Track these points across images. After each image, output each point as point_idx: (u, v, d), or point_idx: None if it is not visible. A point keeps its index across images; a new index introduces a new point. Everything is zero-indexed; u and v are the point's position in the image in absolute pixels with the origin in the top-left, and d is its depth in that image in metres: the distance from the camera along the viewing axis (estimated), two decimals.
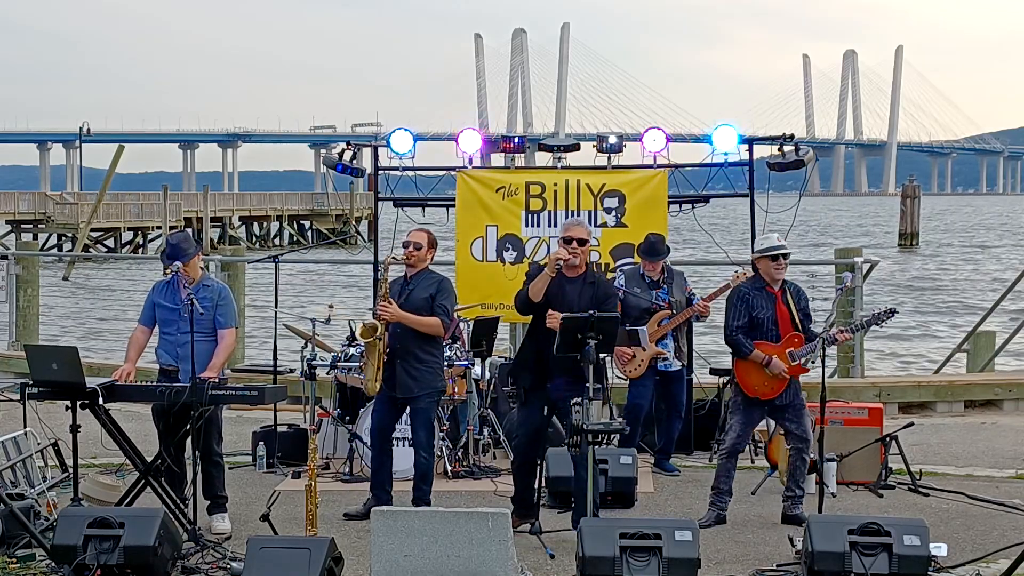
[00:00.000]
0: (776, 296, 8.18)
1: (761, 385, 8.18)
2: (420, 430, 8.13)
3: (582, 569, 6.57)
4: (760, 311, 8.14)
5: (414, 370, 8.07)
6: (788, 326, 8.16)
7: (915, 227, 63.35)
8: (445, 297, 8.15)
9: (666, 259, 10.00)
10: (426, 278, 8.20)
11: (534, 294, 7.68)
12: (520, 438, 8.02)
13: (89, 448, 8.68)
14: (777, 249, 8.14)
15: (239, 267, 15.40)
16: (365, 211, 61.07)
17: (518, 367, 8.06)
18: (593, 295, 7.70)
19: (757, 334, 8.15)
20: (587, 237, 7.88)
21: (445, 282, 8.27)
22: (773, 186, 11.44)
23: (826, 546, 6.64)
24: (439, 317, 8.07)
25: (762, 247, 8.21)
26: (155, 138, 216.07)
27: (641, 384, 9.84)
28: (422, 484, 8.14)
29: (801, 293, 8.32)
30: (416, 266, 8.20)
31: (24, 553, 7.26)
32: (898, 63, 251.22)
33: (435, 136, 78.12)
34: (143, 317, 8.25)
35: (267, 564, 6.42)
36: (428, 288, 8.13)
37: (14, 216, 55.66)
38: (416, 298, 8.10)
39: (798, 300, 8.23)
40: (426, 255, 8.23)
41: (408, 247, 8.21)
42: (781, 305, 8.17)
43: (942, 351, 19.30)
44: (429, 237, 8.28)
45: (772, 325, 8.15)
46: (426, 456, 8.13)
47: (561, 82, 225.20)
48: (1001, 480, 9.62)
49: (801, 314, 8.20)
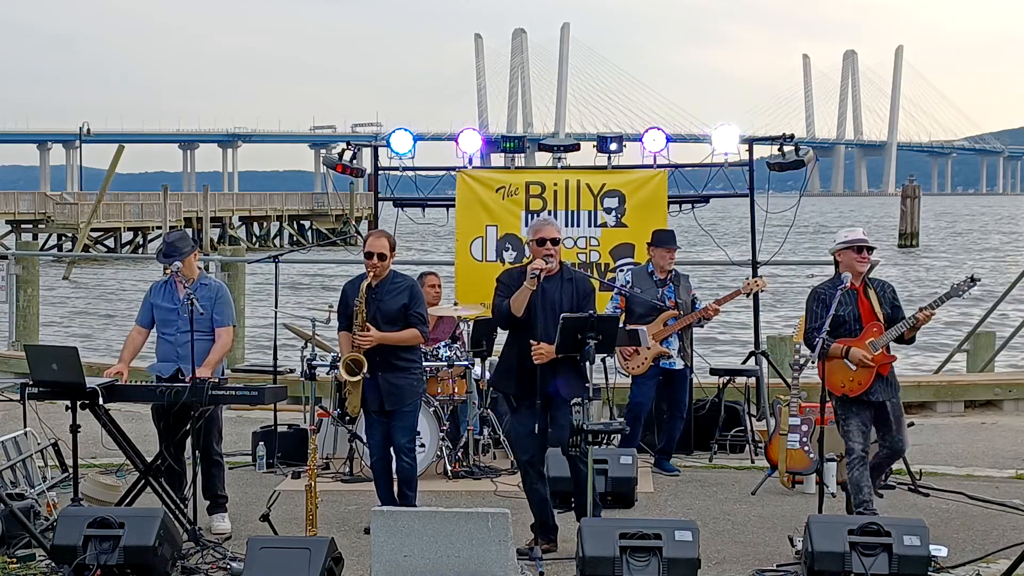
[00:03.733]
0: (858, 291, 7.86)
1: (847, 381, 7.81)
2: (398, 433, 7.87)
3: (582, 569, 6.57)
4: (841, 308, 7.78)
5: (397, 379, 7.82)
6: (871, 319, 7.84)
7: (915, 227, 63.32)
8: (419, 304, 7.87)
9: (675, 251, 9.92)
10: (393, 285, 7.88)
11: (516, 309, 7.46)
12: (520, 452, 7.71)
13: (89, 448, 8.68)
14: (861, 241, 7.86)
15: (239, 267, 15.42)
16: (365, 211, 60.99)
17: (501, 374, 7.81)
18: (573, 292, 7.55)
19: (840, 332, 7.81)
20: (559, 235, 7.63)
21: (415, 287, 7.98)
22: (773, 186, 11.45)
23: (826, 546, 6.64)
24: (416, 327, 7.82)
25: (845, 239, 7.90)
26: (155, 138, 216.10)
27: (643, 383, 9.83)
28: (407, 490, 7.93)
29: (886, 286, 8.02)
30: (380, 275, 7.86)
31: (24, 553, 7.26)
32: (898, 63, 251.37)
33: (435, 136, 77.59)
34: (140, 318, 8.23)
35: (267, 564, 6.42)
36: (399, 296, 7.82)
37: (14, 216, 55.68)
38: (388, 308, 7.79)
39: (883, 293, 7.92)
40: (389, 263, 7.90)
41: (372, 258, 7.81)
42: (863, 299, 7.86)
43: (942, 351, 19.30)
44: (390, 241, 7.92)
45: (854, 320, 7.83)
46: (408, 461, 7.90)
47: (561, 82, 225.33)
48: (1001, 480, 9.63)
49: (888, 306, 7.87)
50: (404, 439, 7.89)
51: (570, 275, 7.68)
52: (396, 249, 8.00)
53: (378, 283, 7.84)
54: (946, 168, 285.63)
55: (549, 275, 7.54)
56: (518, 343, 7.62)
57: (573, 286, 7.61)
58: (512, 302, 7.48)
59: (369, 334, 7.72)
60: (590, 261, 11.00)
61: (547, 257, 7.48)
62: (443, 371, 9.74)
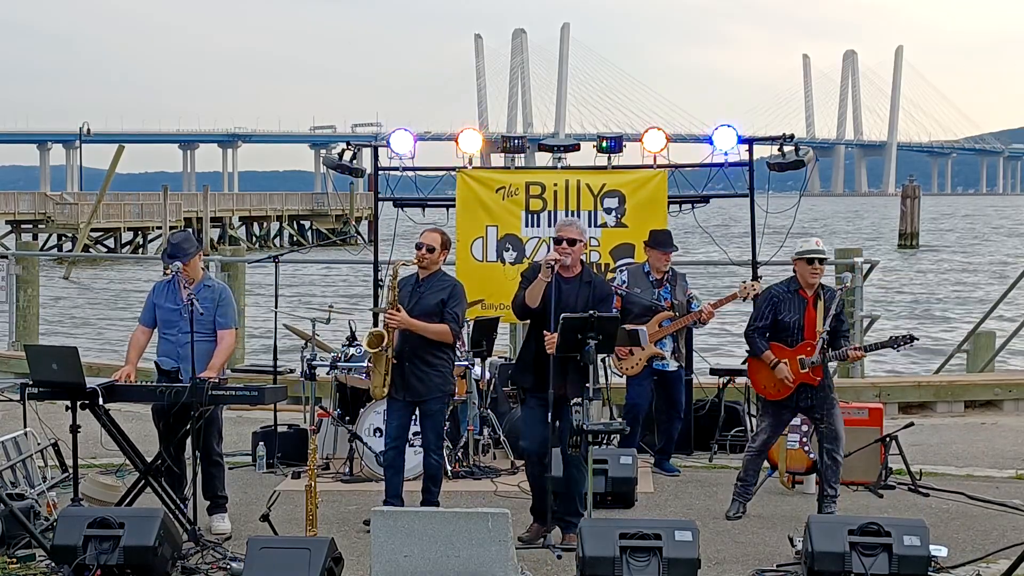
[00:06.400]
0: (808, 300, 8.16)
1: (769, 386, 8.27)
2: (430, 432, 8.01)
3: (582, 569, 6.57)
4: (787, 314, 8.15)
5: (422, 373, 7.91)
6: (812, 332, 8.13)
7: (915, 227, 63.29)
8: (457, 304, 7.94)
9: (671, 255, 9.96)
10: (438, 281, 7.99)
11: (531, 300, 7.60)
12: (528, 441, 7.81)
13: (89, 448, 8.67)
14: (814, 253, 8.13)
15: (239, 267, 15.40)
16: (365, 211, 61.05)
17: (519, 369, 7.97)
18: (590, 295, 7.65)
19: (783, 336, 8.18)
20: (579, 237, 7.74)
21: (458, 287, 8.03)
22: (773, 186, 11.44)
23: (826, 546, 6.64)
24: (449, 324, 7.87)
25: (800, 249, 8.21)
26: (155, 138, 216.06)
27: (639, 384, 9.84)
28: (432, 486, 8.03)
29: (836, 298, 8.20)
30: (428, 268, 7.96)
31: (24, 553, 7.26)
32: (898, 63, 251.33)
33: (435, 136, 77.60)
34: (143, 318, 8.24)
35: (267, 564, 6.42)
36: (440, 293, 7.92)
37: (14, 216, 55.68)
38: (427, 303, 7.89)
39: (831, 304, 8.12)
40: (439, 257, 7.99)
41: (420, 249, 7.95)
42: (811, 310, 8.14)
43: (942, 351, 19.29)
44: (443, 238, 8.03)
45: (798, 329, 8.16)
46: (436, 458, 8.04)
47: (561, 82, 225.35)
48: (1001, 480, 9.63)
49: (834, 320, 8.10)
50: (433, 437, 8.03)
51: (589, 278, 7.81)
52: (449, 249, 8.15)
53: (425, 277, 7.99)
54: (946, 168, 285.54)
55: (569, 277, 7.68)
56: (535, 338, 7.74)
57: (591, 289, 7.71)
58: (528, 292, 7.62)
59: (397, 315, 7.85)
60: (590, 261, 10.98)
61: (562, 254, 7.62)
62: None
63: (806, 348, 8.14)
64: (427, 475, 8.07)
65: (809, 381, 8.16)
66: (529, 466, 7.89)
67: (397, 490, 8.01)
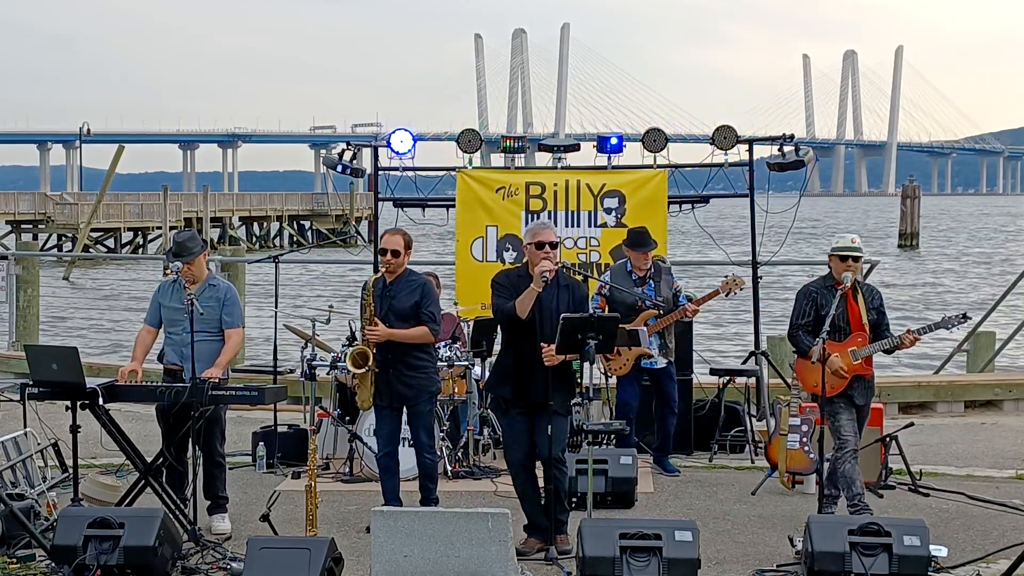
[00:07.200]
0: (847, 294, 8.00)
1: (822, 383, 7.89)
2: (420, 432, 8.02)
3: (582, 569, 6.57)
4: (829, 309, 7.89)
5: (407, 378, 7.89)
6: (859, 325, 8.01)
7: (915, 228, 63.29)
8: (431, 303, 7.93)
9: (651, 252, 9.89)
10: (407, 283, 7.94)
11: (522, 311, 7.44)
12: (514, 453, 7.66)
13: (89, 448, 8.67)
14: (849, 250, 8.00)
15: (239, 267, 15.43)
16: (365, 211, 61.04)
17: (498, 379, 7.76)
18: (569, 299, 7.56)
19: (831, 333, 7.89)
20: (557, 239, 7.65)
21: (428, 286, 8.02)
22: (773, 186, 11.45)
23: (826, 546, 6.64)
24: (427, 325, 7.86)
25: (836, 245, 8.07)
26: (155, 138, 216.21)
27: (627, 383, 9.81)
28: (428, 484, 8.06)
29: (874, 292, 8.16)
30: (395, 272, 7.93)
31: (24, 553, 7.26)
32: (898, 63, 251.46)
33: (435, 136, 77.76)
34: (149, 317, 8.25)
35: (267, 564, 6.42)
36: (412, 295, 7.88)
37: (14, 216, 55.66)
38: (400, 306, 7.85)
39: (871, 299, 8.07)
40: (404, 259, 7.95)
41: (386, 255, 7.90)
42: (852, 303, 8.01)
43: (942, 351, 19.28)
44: (405, 239, 7.96)
45: (843, 323, 7.98)
46: (430, 457, 8.05)
47: (561, 82, 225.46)
48: (1001, 480, 9.63)
49: (875, 313, 8.03)
50: (425, 437, 8.01)
51: (566, 281, 7.68)
52: (412, 248, 8.05)
53: (392, 280, 7.92)
54: (946, 168, 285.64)
55: None
56: (514, 347, 7.63)
57: (569, 292, 7.62)
58: (518, 304, 7.47)
59: (377, 329, 7.80)
60: (590, 261, 11.01)
61: (552, 260, 7.49)
62: (443, 371, 9.73)
63: (856, 340, 7.97)
64: (423, 473, 8.07)
65: (863, 372, 8.01)
66: (518, 479, 7.69)
67: (395, 493, 8.02)
